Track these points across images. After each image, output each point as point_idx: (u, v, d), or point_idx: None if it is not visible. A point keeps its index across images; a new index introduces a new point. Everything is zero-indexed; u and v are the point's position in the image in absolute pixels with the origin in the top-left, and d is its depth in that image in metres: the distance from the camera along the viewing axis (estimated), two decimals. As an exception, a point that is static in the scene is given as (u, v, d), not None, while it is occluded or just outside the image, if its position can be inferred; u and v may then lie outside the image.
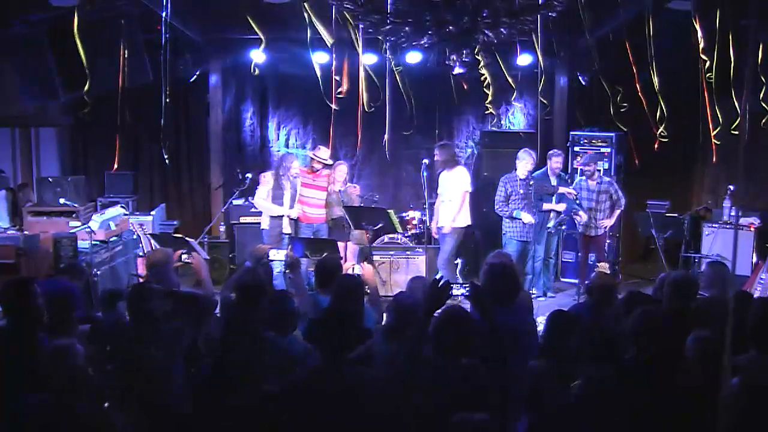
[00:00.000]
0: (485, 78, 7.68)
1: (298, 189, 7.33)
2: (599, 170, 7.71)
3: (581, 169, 7.52)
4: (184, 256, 4.79)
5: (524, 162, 7.34)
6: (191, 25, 7.78)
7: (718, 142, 7.05)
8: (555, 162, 7.69)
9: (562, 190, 7.56)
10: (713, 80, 6.46)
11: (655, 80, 6.70)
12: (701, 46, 6.24)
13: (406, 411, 2.96)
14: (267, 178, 7.30)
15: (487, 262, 4.33)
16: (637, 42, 6.90)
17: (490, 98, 8.16)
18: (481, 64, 6.92)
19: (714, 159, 7.37)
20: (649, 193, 8.07)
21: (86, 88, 6.57)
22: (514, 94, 8.53)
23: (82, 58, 6.28)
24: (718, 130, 6.93)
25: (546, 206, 7.58)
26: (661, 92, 6.93)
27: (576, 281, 7.28)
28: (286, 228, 7.20)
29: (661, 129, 7.22)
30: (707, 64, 6.34)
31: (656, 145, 7.51)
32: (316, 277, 4.45)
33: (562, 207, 7.54)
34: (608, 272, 5.99)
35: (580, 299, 6.41)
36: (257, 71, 8.19)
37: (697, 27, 6.14)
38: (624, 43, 7.00)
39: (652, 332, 3.20)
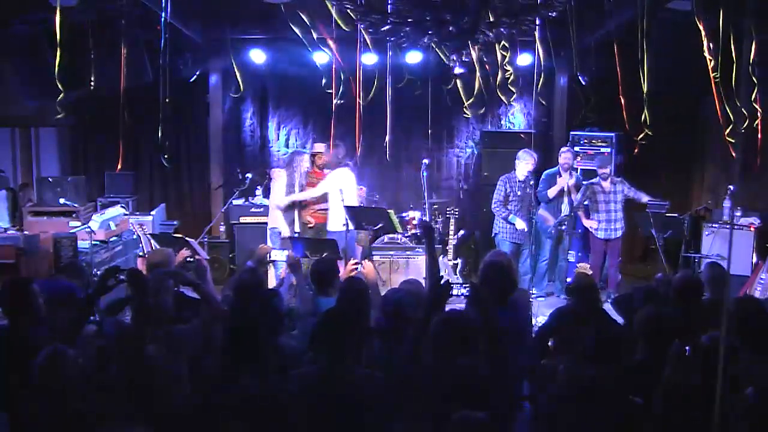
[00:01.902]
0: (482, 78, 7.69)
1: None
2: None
3: (600, 173, 7.48)
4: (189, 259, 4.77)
5: (524, 163, 7.32)
6: (191, 25, 7.79)
7: (733, 140, 7.05)
8: (563, 158, 7.67)
9: (541, 212, 7.55)
10: (719, 80, 6.45)
11: (644, 81, 6.68)
12: (705, 45, 6.22)
13: (406, 412, 2.96)
14: (280, 173, 7.26)
15: (484, 261, 4.33)
16: (635, 42, 6.91)
17: (468, 102, 8.17)
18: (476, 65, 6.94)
19: (734, 155, 7.32)
20: (649, 193, 8.06)
21: (61, 96, 6.54)
22: (515, 95, 8.54)
23: (60, 60, 6.24)
24: (730, 128, 6.90)
25: (551, 192, 7.54)
26: (660, 92, 6.93)
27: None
28: (296, 227, 7.20)
29: (641, 135, 7.22)
30: (712, 63, 6.33)
31: (636, 150, 7.54)
32: (313, 280, 4.44)
33: (563, 181, 7.50)
34: (589, 272, 5.98)
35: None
36: (242, 85, 8.29)
37: (701, 27, 6.13)
38: (622, 44, 7.01)
39: (656, 333, 3.22)
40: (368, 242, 7.59)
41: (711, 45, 6.12)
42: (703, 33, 6.05)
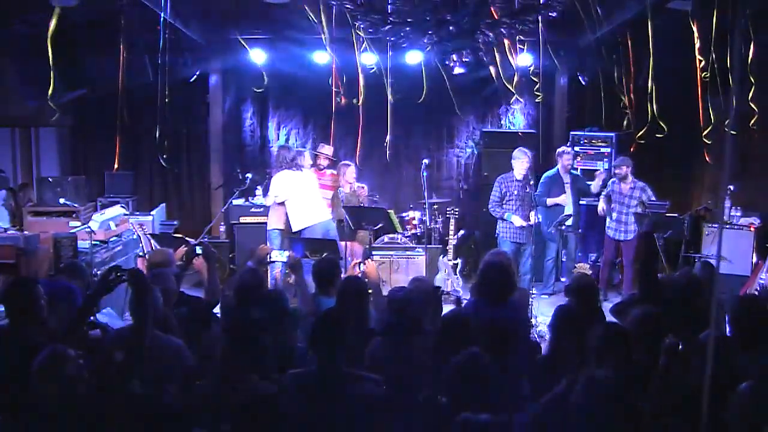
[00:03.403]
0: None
1: None
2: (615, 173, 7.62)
3: (615, 173, 7.50)
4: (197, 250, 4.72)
5: (519, 161, 7.29)
6: (191, 25, 7.79)
7: (709, 141, 7.09)
8: (565, 159, 7.69)
9: (551, 201, 7.59)
10: (709, 80, 6.47)
11: (649, 80, 6.70)
12: (698, 46, 6.24)
13: (406, 413, 2.96)
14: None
15: (484, 261, 4.33)
16: (636, 42, 6.93)
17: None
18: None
19: (707, 158, 7.38)
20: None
21: (50, 91, 6.52)
22: (514, 97, 8.56)
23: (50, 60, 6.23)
24: (709, 129, 6.93)
25: (550, 201, 7.59)
26: (659, 91, 6.95)
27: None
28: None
29: (641, 132, 7.24)
30: (702, 63, 6.35)
31: (633, 147, 7.56)
32: (314, 280, 4.44)
33: (563, 200, 7.54)
34: (589, 272, 5.95)
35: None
36: (264, 80, 8.26)
37: (694, 28, 6.14)
38: (623, 43, 7.02)
39: (653, 333, 3.22)
40: (369, 242, 7.60)
41: (706, 45, 6.14)
42: (696, 34, 6.06)
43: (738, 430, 2.52)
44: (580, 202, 7.95)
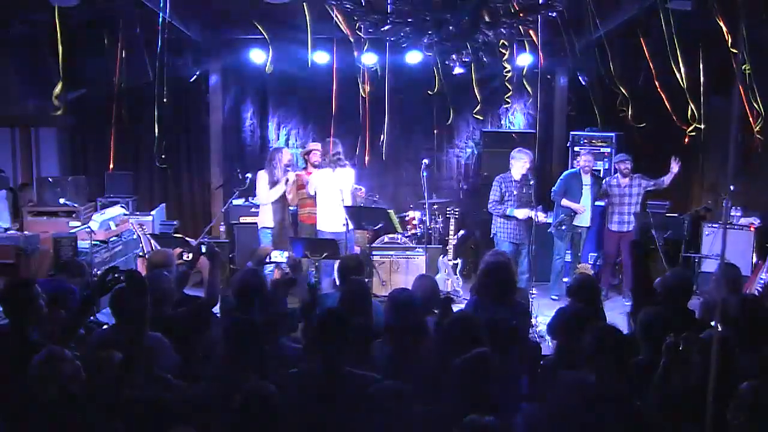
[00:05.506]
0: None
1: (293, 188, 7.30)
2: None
3: (619, 169, 7.46)
4: (185, 256, 4.75)
5: (521, 162, 7.19)
6: (191, 25, 7.79)
7: (694, 133, 7.12)
8: (583, 161, 7.66)
9: (566, 203, 7.58)
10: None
11: (682, 77, 6.71)
12: (730, 41, 6.23)
13: (407, 415, 2.95)
14: (261, 173, 7.29)
15: (484, 260, 4.33)
16: (637, 41, 6.93)
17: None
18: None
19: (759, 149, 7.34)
20: (649, 193, 8.06)
21: (57, 90, 6.52)
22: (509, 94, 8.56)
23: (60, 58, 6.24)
24: (759, 125, 6.93)
25: (565, 202, 7.57)
26: (664, 91, 6.98)
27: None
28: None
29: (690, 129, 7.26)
30: (741, 58, 6.34)
31: (686, 140, 7.55)
32: (339, 274, 4.48)
33: (579, 207, 7.52)
34: (590, 272, 5.91)
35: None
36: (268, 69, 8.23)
37: (722, 24, 6.12)
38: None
39: (653, 334, 3.22)
40: (366, 242, 7.60)
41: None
42: (725, 30, 6.06)
43: (739, 430, 2.52)
44: (596, 203, 7.85)
